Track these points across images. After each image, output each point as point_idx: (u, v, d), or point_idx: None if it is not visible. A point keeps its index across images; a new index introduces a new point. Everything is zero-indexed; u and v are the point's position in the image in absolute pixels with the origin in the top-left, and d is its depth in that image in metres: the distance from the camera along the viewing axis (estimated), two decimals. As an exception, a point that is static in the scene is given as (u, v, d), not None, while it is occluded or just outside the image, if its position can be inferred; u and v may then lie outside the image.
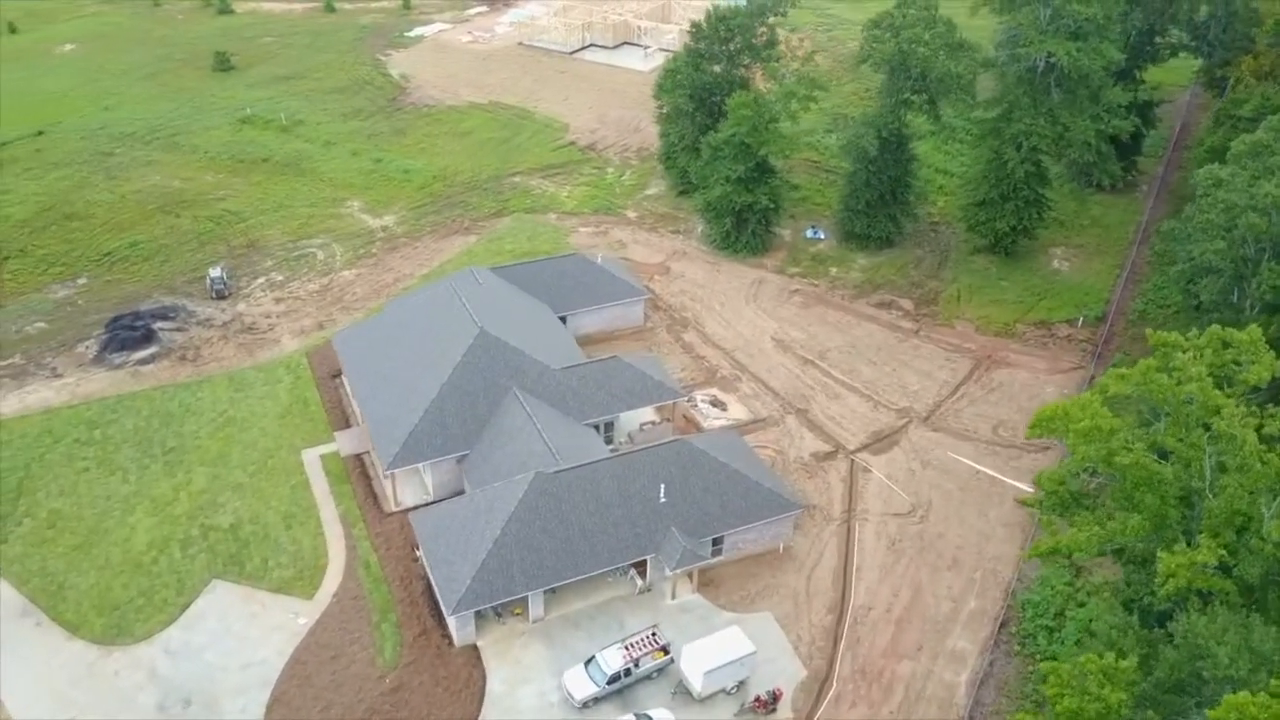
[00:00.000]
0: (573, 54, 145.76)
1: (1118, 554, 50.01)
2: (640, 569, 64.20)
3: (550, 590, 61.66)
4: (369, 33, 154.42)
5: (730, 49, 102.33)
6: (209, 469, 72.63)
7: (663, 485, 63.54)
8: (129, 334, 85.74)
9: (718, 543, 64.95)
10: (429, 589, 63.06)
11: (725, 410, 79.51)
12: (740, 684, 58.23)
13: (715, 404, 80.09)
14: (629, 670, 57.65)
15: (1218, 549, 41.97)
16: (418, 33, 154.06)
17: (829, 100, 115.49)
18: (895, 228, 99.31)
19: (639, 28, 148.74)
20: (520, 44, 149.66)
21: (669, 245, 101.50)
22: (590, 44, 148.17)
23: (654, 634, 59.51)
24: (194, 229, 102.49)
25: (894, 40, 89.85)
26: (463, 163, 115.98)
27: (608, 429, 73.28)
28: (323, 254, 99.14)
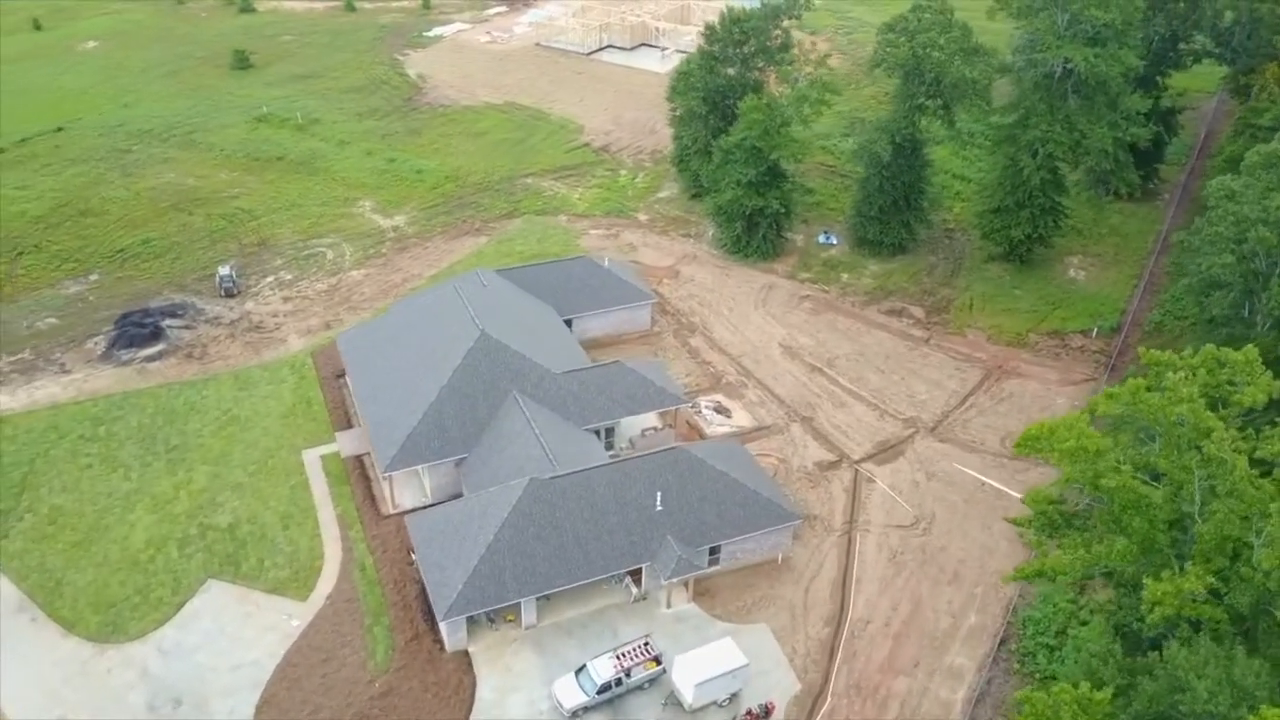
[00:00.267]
0: (590, 55, 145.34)
1: (1108, 576, 48.71)
2: (635, 577, 63.56)
3: (544, 597, 61.16)
4: (388, 32, 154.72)
5: (744, 52, 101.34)
6: (210, 468, 72.73)
7: (659, 493, 62.85)
8: (137, 331, 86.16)
9: (714, 552, 64.15)
10: (423, 593, 62.64)
11: (729, 417, 78.70)
12: (733, 696, 57.45)
13: (719, 410, 79.31)
14: (620, 680, 57.01)
15: (1207, 576, 40.52)
16: (436, 33, 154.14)
17: (846, 104, 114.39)
18: (908, 234, 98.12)
19: (657, 29, 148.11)
20: (538, 45, 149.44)
21: (679, 249, 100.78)
22: (608, 45, 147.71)
23: (646, 644, 58.86)
24: (206, 227, 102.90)
25: (908, 44, 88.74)
26: (476, 163, 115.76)
27: (608, 434, 72.63)
28: (332, 253, 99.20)
